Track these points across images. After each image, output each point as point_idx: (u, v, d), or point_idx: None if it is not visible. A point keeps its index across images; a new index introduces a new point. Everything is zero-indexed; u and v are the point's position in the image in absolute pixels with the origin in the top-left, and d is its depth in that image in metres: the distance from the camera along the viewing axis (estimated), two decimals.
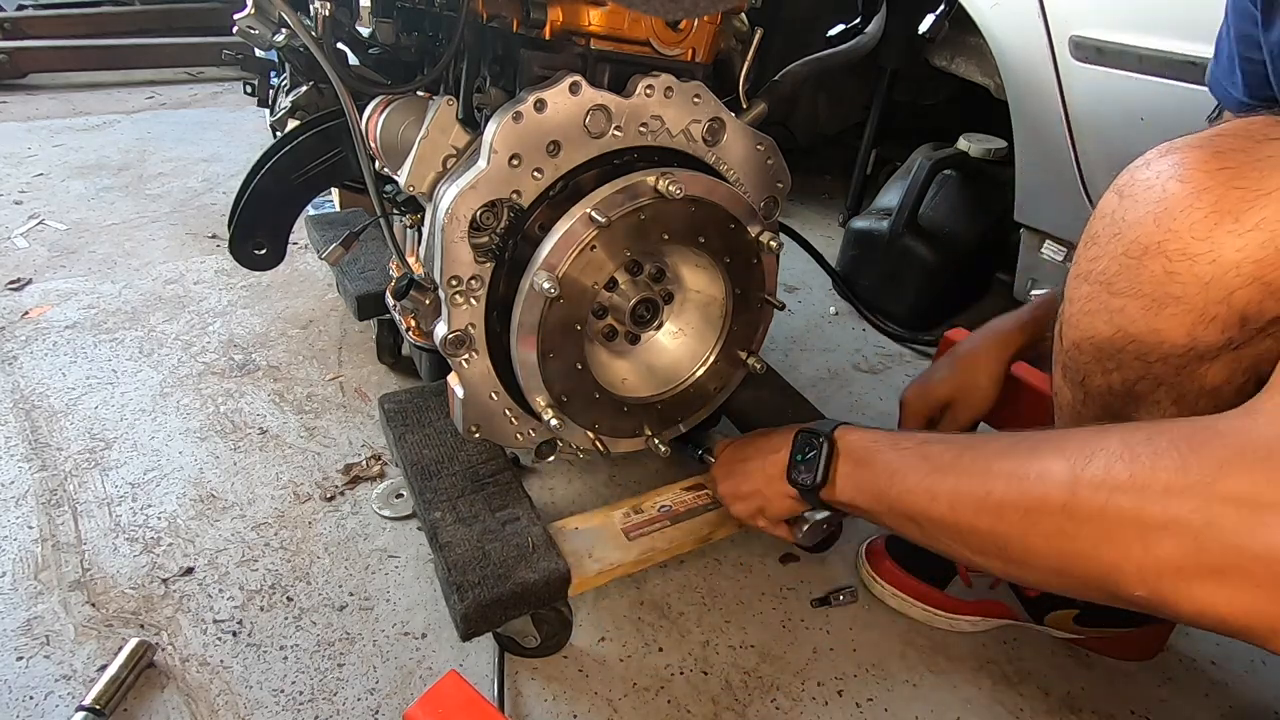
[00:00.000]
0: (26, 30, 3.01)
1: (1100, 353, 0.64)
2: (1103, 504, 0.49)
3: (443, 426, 1.02)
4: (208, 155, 2.35)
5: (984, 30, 1.37)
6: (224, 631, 0.91)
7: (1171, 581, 0.47)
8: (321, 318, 1.53)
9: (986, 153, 1.58)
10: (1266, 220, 0.52)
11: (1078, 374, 0.69)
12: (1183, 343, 0.58)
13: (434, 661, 0.89)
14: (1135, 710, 0.90)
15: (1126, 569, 0.49)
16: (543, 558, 0.84)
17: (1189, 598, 0.47)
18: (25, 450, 1.15)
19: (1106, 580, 0.50)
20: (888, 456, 0.70)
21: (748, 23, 0.90)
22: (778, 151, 0.93)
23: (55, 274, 1.64)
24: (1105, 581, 0.50)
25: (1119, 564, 0.49)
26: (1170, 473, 0.47)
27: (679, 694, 0.88)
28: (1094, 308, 0.62)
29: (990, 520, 0.57)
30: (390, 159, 0.87)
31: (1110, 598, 0.52)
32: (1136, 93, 1.15)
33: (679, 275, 0.94)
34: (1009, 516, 0.55)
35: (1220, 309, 0.55)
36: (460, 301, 0.82)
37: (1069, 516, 0.51)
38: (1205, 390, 0.62)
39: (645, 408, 0.95)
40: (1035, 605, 0.93)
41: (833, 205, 2.23)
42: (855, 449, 0.74)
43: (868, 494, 0.71)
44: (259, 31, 0.83)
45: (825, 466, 0.75)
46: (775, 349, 1.55)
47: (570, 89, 0.76)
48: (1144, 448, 0.49)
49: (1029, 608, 0.93)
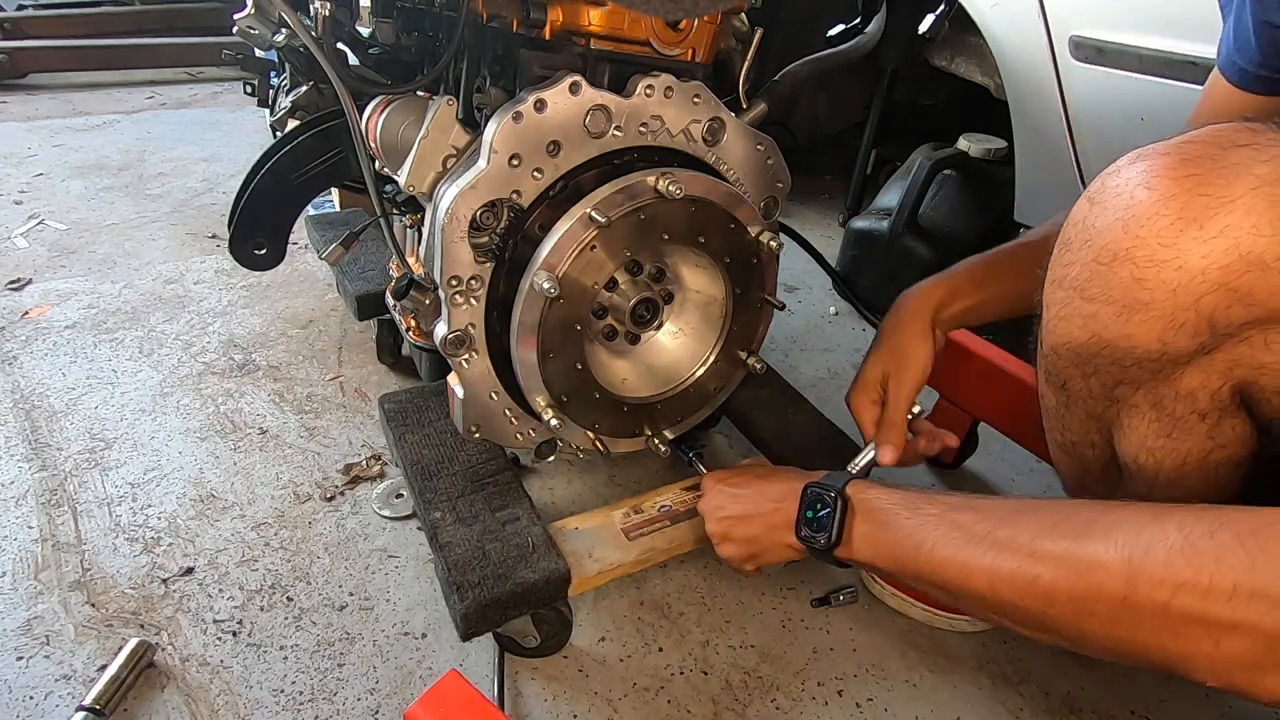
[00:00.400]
0: (26, 30, 3.01)
1: (1078, 357, 0.64)
2: (1165, 601, 0.48)
3: (443, 426, 1.02)
4: (208, 155, 2.35)
5: (984, 30, 1.38)
6: (224, 631, 0.91)
7: (1246, 675, 0.46)
8: (321, 318, 1.53)
9: (986, 153, 1.58)
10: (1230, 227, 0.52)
11: (1059, 378, 0.69)
12: (1155, 348, 0.58)
13: (434, 661, 0.89)
14: (1135, 710, 0.90)
15: (1197, 661, 0.48)
16: (543, 558, 0.84)
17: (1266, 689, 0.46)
18: (25, 450, 1.15)
19: (1174, 668, 0.49)
20: (910, 523, 0.67)
21: (748, 23, 0.90)
22: (778, 151, 0.93)
23: (55, 274, 1.64)
24: (1173, 669, 0.50)
25: (1188, 656, 0.48)
26: (1238, 573, 0.46)
27: (679, 694, 0.88)
28: (1069, 313, 0.63)
29: (1039, 604, 0.55)
30: (390, 159, 0.87)
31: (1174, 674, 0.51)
32: (1136, 93, 1.15)
33: (679, 275, 0.94)
34: (1059, 601, 0.53)
35: (1189, 315, 0.55)
36: (460, 301, 0.82)
37: (1128, 609, 0.50)
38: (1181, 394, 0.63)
39: (645, 408, 0.95)
40: None
41: (833, 205, 2.23)
42: (872, 510, 0.71)
43: (888, 558, 0.68)
44: (259, 31, 0.83)
45: (840, 526, 0.72)
46: (775, 349, 1.55)
47: (570, 89, 0.77)
48: (1207, 543, 0.48)
49: None
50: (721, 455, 1.24)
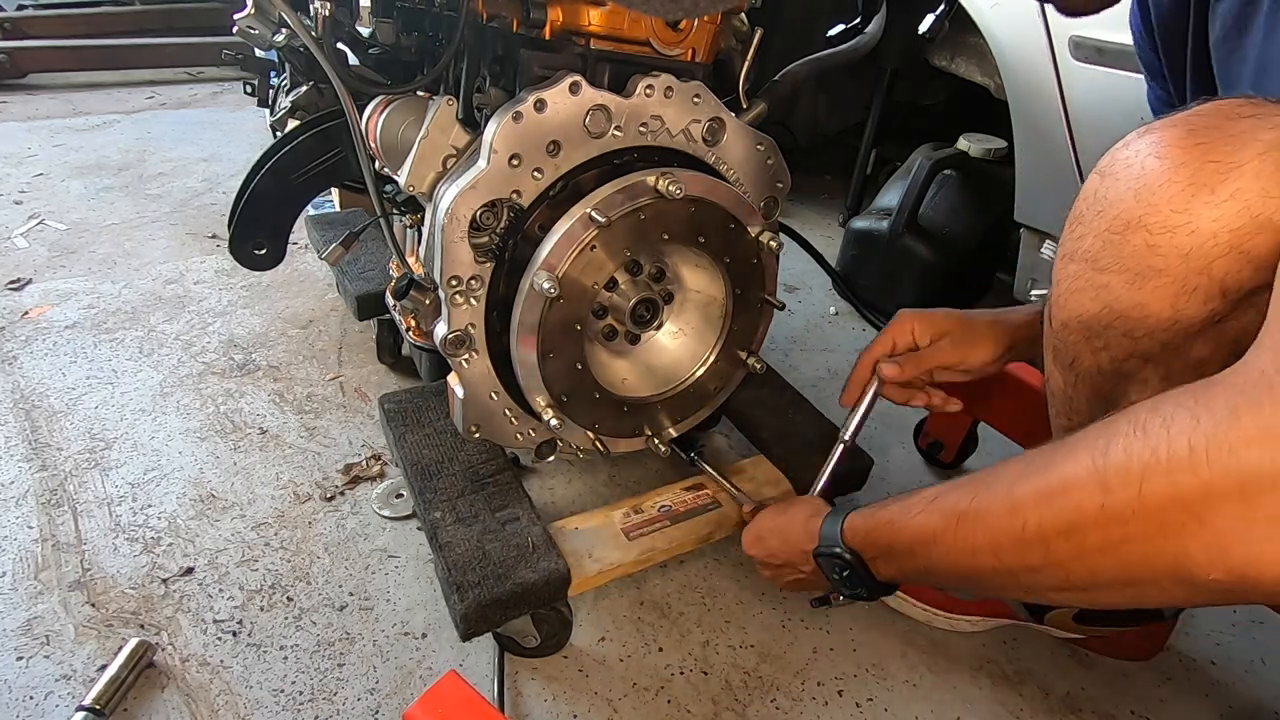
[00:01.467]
0: (26, 30, 3.01)
1: (1088, 331, 0.64)
2: (1138, 494, 0.46)
3: (443, 426, 1.02)
4: (208, 155, 2.35)
5: (984, 30, 1.38)
6: (224, 631, 0.91)
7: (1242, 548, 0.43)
8: (321, 318, 1.53)
9: (986, 153, 1.58)
10: (1241, 191, 0.53)
11: (1067, 356, 0.69)
12: (1167, 315, 0.58)
13: (434, 661, 0.89)
14: (1135, 710, 0.90)
15: (1194, 553, 0.45)
16: (543, 558, 0.84)
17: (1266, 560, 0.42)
18: (25, 450, 1.15)
19: (1180, 573, 0.46)
20: (906, 532, 0.66)
21: (748, 23, 0.90)
22: (778, 151, 0.93)
23: (55, 274, 1.64)
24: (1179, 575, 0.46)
25: (1184, 551, 0.45)
26: (1188, 432, 0.44)
27: (679, 694, 0.88)
28: (1080, 285, 0.63)
29: (1040, 554, 0.53)
30: (390, 159, 0.87)
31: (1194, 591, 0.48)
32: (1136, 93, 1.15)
33: (679, 275, 0.94)
34: (1055, 544, 0.52)
35: (1201, 279, 0.56)
36: (460, 301, 0.82)
37: (1112, 520, 0.48)
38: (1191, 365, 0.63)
39: (645, 408, 0.95)
40: (1034, 603, 0.93)
41: (833, 205, 2.23)
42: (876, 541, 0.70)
43: (911, 572, 0.68)
44: (259, 31, 0.83)
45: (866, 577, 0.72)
46: (775, 349, 1.55)
47: (570, 89, 0.76)
48: (1152, 417, 0.47)
49: (1028, 606, 0.93)
50: (721, 455, 1.24)
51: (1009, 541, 0.55)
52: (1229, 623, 1.01)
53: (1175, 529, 0.45)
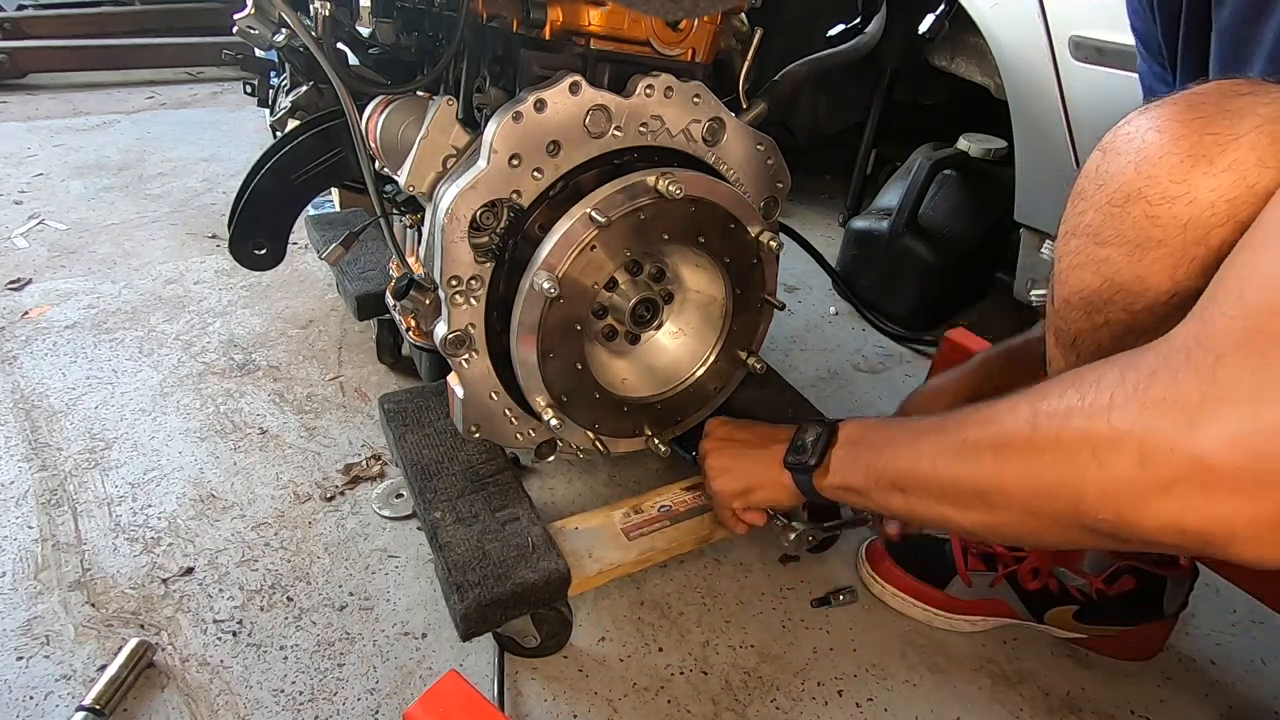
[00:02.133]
0: (26, 30, 3.01)
1: (1089, 306, 0.65)
2: (1059, 429, 0.52)
3: (443, 426, 1.02)
4: (208, 155, 2.35)
5: (984, 30, 1.37)
6: (224, 631, 0.91)
7: (1129, 497, 0.48)
8: (321, 318, 1.53)
9: (986, 153, 1.58)
10: (1238, 162, 0.54)
11: (1069, 335, 0.69)
12: (1165, 287, 0.59)
13: (434, 661, 0.89)
14: (1135, 710, 0.90)
15: (1088, 492, 0.50)
16: (543, 558, 0.84)
17: (1149, 514, 0.47)
18: (25, 450, 1.15)
19: (1075, 510, 0.51)
20: (880, 434, 0.73)
21: (748, 23, 0.90)
22: (778, 151, 0.93)
23: (55, 274, 1.64)
24: (1074, 511, 0.52)
25: (1081, 488, 0.50)
26: (1113, 387, 0.49)
27: (679, 694, 0.88)
28: (1082, 260, 0.64)
29: (969, 467, 0.59)
30: (390, 159, 0.87)
31: (1081, 531, 0.53)
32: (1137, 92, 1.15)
33: (679, 275, 0.94)
34: (983, 459, 0.58)
35: (1199, 250, 0.57)
36: (460, 301, 0.82)
37: (1033, 448, 0.54)
38: None
39: (645, 408, 0.95)
40: (1034, 601, 0.93)
41: (833, 205, 2.23)
42: (852, 434, 0.77)
43: (859, 472, 0.73)
44: (259, 31, 0.83)
45: (823, 450, 0.77)
46: (775, 349, 1.55)
47: (570, 89, 0.77)
48: (1091, 373, 0.52)
49: (1028, 604, 0.93)
50: None
51: (947, 452, 0.62)
52: (1229, 623, 1.01)
53: (1079, 466, 0.50)
